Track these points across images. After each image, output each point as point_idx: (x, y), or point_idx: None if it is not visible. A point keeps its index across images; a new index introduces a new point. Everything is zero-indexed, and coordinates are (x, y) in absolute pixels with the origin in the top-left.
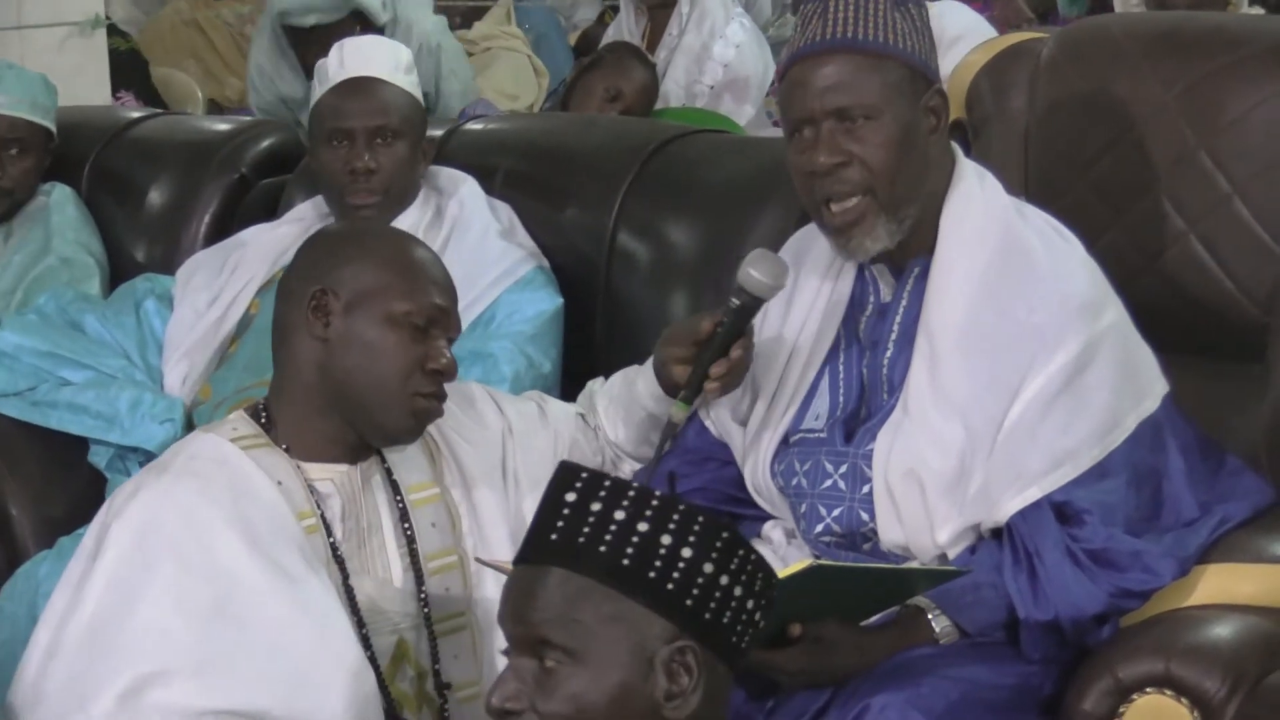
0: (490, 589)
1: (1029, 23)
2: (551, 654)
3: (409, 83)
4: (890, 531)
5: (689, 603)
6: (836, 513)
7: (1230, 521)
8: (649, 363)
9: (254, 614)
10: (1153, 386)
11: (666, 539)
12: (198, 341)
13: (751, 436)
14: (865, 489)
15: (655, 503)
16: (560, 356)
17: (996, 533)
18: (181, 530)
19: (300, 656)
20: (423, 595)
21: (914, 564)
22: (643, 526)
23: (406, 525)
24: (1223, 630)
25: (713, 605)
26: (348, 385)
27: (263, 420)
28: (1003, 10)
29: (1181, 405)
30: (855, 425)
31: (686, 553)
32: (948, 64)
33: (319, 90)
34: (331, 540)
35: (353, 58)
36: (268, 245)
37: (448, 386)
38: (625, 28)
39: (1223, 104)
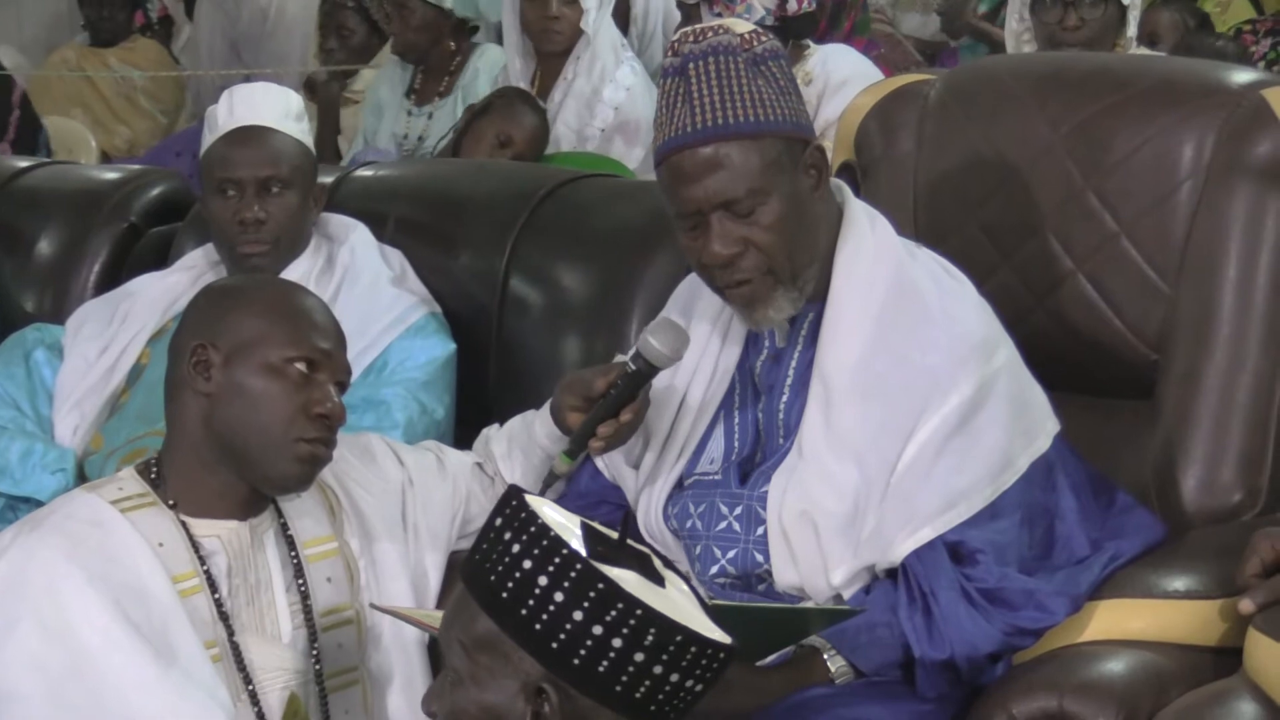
0: (386, 641)
1: (917, 65)
2: (448, 666)
3: (299, 130)
4: (785, 573)
5: (555, 645)
6: (731, 554)
7: (1121, 558)
8: (547, 405)
9: (109, 678)
10: (1044, 425)
11: (543, 579)
12: (88, 391)
13: (644, 480)
14: (760, 531)
15: (545, 542)
16: (453, 402)
17: (891, 573)
18: (42, 592)
19: None
20: (315, 651)
21: (809, 604)
22: (527, 563)
23: (301, 581)
24: (1115, 666)
25: (583, 653)
26: (231, 437)
27: (153, 476)
28: (890, 53)
29: (1072, 442)
30: (750, 468)
31: (559, 596)
32: (834, 108)
33: (209, 138)
34: (216, 597)
35: (242, 105)
36: (158, 294)
37: (346, 438)
38: (512, 72)
39: (1109, 144)
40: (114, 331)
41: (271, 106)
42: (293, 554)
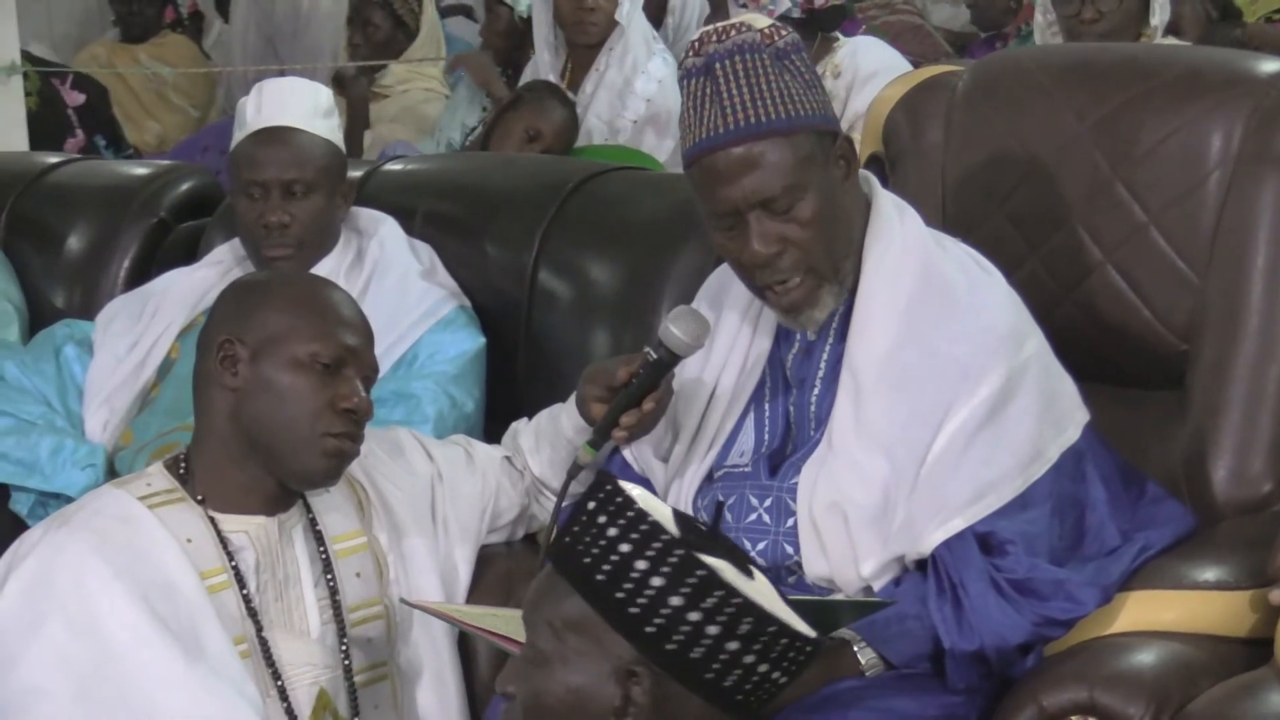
0: (415, 635)
1: (946, 56)
2: (531, 646)
3: (327, 127)
4: (815, 564)
5: (650, 630)
6: (761, 546)
7: (1152, 549)
8: (573, 397)
9: (136, 675)
10: (1074, 416)
11: (641, 564)
12: (118, 387)
13: (673, 472)
14: (790, 522)
15: (644, 527)
16: (483, 396)
17: (921, 564)
18: (70, 588)
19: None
20: (344, 646)
21: (839, 596)
22: (624, 547)
23: (329, 576)
24: (1145, 657)
25: (679, 638)
26: (258, 432)
27: (182, 471)
28: (919, 44)
29: (1102, 433)
30: (780, 460)
31: (656, 581)
32: (863, 100)
33: (238, 134)
34: (245, 593)
35: (270, 103)
36: (186, 289)
37: (375, 432)
38: (542, 65)
39: (1136, 134)
40: (144, 326)
41: (299, 104)
42: (321, 549)
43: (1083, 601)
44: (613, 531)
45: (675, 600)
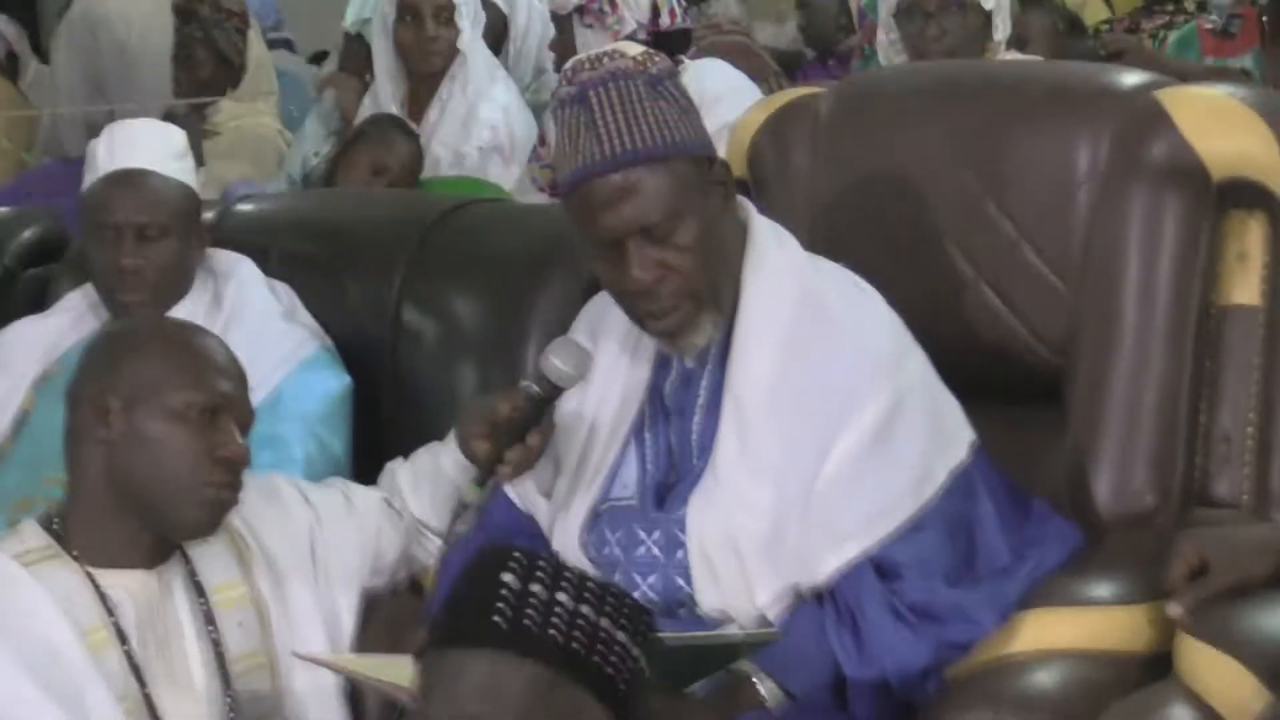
0: (300, 685)
1: (775, 75)
2: None
3: (180, 169)
4: (708, 596)
5: (622, 688)
6: (652, 580)
7: (1044, 566)
8: (452, 435)
9: None
10: (959, 435)
11: (606, 623)
12: None
13: (558, 508)
14: (680, 554)
15: (591, 585)
16: (351, 436)
17: (818, 592)
18: None
19: None
20: (229, 699)
21: (733, 628)
22: (585, 610)
23: (211, 628)
24: (1048, 677)
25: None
26: (136, 485)
27: (55, 527)
28: (749, 65)
29: (986, 452)
30: (666, 491)
31: (622, 637)
32: (711, 123)
33: (89, 177)
34: (126, 649)
35: (122, 146)
36: (38, 338)
37: (250, 480)
38: (383, 96)
39: (1004, 151)
40: None
41: (152, 146)
42: (201, 601)
43: (980, 622)
44: (563, 598)
45: (636, 652)
